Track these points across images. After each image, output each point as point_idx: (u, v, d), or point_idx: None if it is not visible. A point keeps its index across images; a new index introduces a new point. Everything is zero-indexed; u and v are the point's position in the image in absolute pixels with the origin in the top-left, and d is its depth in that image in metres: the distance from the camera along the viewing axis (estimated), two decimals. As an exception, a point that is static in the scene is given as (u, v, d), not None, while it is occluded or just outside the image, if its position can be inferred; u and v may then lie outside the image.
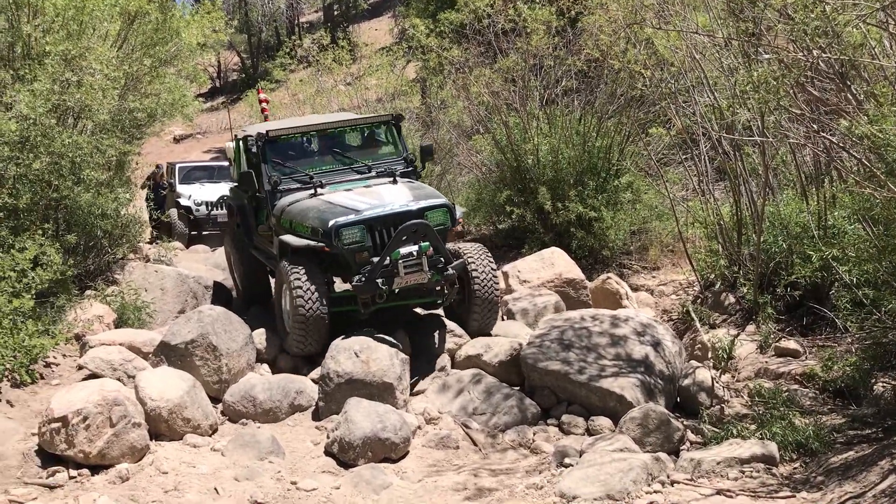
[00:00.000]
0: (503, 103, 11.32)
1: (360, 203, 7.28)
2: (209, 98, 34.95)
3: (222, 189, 16.79)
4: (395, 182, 7.84)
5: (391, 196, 7.42)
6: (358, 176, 8.17)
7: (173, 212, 15.87)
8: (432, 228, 7.07)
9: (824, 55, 5.31)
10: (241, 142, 8.96)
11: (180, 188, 16.59)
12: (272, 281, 8.46)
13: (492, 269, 7.52)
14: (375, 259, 7.02)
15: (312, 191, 7.81)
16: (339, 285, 7.72)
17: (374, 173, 8.16)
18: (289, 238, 7.39)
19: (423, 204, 7.32)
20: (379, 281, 6.93)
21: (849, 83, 5.63)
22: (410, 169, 8.39)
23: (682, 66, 8.52)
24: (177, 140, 30.49)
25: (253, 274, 9.14)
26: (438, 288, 7.30)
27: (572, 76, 11.20)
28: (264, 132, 8.17)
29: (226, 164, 19.80)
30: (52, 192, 7.92)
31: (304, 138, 8.59)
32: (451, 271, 7.12)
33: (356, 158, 8.38)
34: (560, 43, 10.98)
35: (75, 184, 8.16)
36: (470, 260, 7.44)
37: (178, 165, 18.00)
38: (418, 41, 12.40)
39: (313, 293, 6.92)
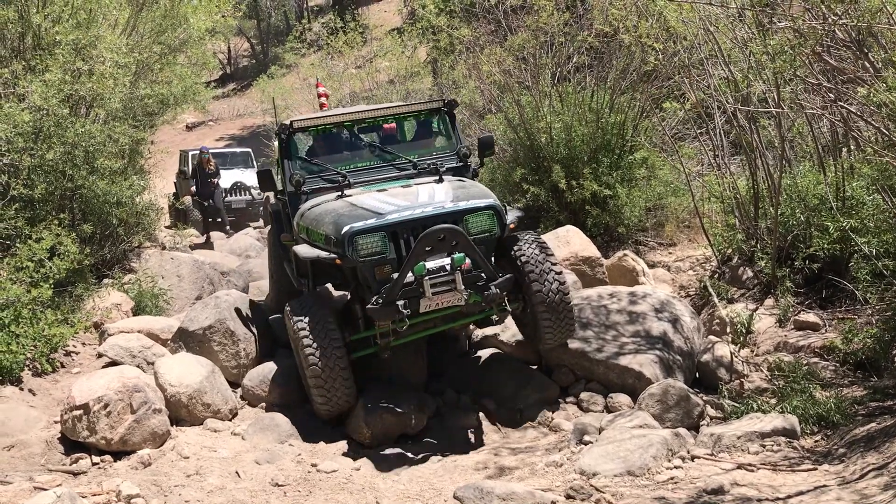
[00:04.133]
0: (515, 82, 11.23)
1: (387, 205, 5.99)
2: (220, 85, 34.94)
3: (236, 175, 16.85)
4: (440, 180, 6.56)
5: (427, 196, 6.09)
6: (399, 174, 6.93)
7: (187, 199, 15.93)
8: (464, 234, 5.65)
9: (841, 22, 5.22)
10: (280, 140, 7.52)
11: (193, 178, 16.63)
12: None
13: (552, 265, 6.12)
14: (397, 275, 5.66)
15: (339, 191, 6.58)
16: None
17: (418, 171, 6.90)
18: (301, 248, 6.24)
19: (461, 206, 5.91)
20: (400, 303, 5.56)
21: (866, 51, 5.53)
22: (462, 164, 7.09)
23: (695, 38, 8.41)
24: (189, 128, 30.57)
25: (283, 290, 7.95)
26: (485, 309, 5.97)
27: (584, 52, 11.09)
28: (288, 123, 7.00)
29: (239, 150, 19.89)
30: (66, 181, 7.97)
31: (340, 131, 7.24)
32: (493, 290, 5.67)
33: (399, 154, 7.07)
34: (570, 19, 10.86)
35: (90, 173, 8.21)
36: (524, 259, 6.08)
37: (191, 153, 18.05)
38: (428, 21, 12.31)
39: (324, 343, 5.71)
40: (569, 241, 8.84)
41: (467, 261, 5.63)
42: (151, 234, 11.18)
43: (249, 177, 17.51)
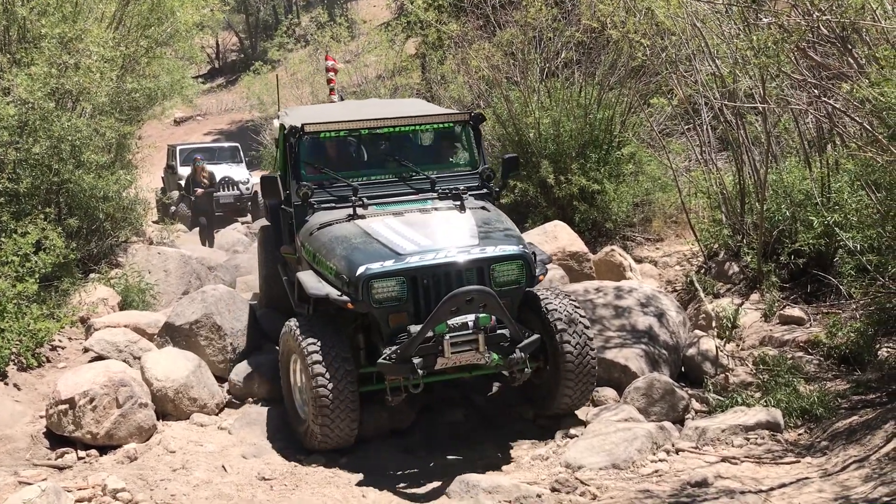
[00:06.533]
0: (503, 77, 11.25)
1: (406, 241, 5.47)
2: (208, 79, 34.82)
3: (224, 170, 16.80)
4: (462, 209, 6.04)
5: (449, 233, 5.62)
6: (413, 193, 6.33)
7: (175, 194, 15.88)
8: (495, 297, 5.14)
9: (825, 18, 5.26)
10: (281, 129, 6.96)
11: (182, 170, 16.53)
12: None
13: (586, 328, 5.69)
14: (413, 328, 5.17)
15: (351, 211, 6.00)
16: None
17: (436, 192, 6.30)
18: (307, 279, 5.69)
19: (489, 253, 5.40)
20: (416, 361, 5.10)
21: (850, 47, 5.58)
22: (485, 191, 6.49)
23: (683, 34, 8.44)
24: (177, 122, 30.48)
25: (274, 289, 7.67)
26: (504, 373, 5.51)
27: (572, 48, 11.11)
28: (299, 126, 6.27)
29: (227, 145, 19.83)
30: (52, 175, 7.92)
31: (352, 136, 6.62)
32: (518, 354, 5.23)
33: (418, 169, 6.43)
34: (559, 14, 10.88)
35: (76, 167, 8.16)
36: (556, 317, 5.61)
37: (178, 147, 18.00)
38: (416, 16, 12.30)
39: (338, 372, 5.18)
40: (556, 236, 8.87)
41: (492, 319, 5.18)
42: (138, 229, 11.14)
43: (237, 171, 17.49)
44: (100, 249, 9.33)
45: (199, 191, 13.74)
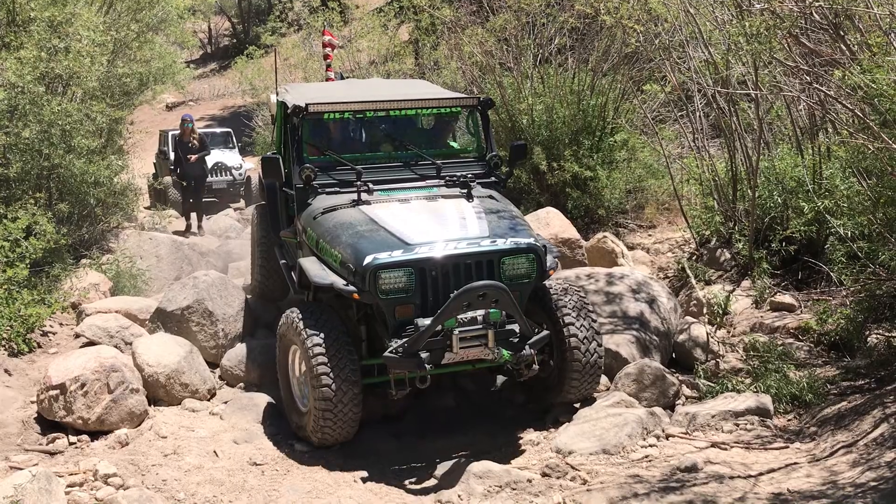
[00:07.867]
0: (496, 63, 11.21)
1: (414, 231, 5.29)
2: (201, 64, 34.65)
3: (216, 156, 16.73)
4: (469, 197, 5.87)
5: (459, 223, 5.44)
6: (418, 179, 6.15)
7: (168, 179, 15.80)
8: (507, 293, 4.97)
9: (817, 4, 5.25)
10: (282, 106, 6.70)
11: (174, 156, 16.42)
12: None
13: (593, 324, 5.61)
14: (421, 321, 5.01)
15: (356, 196, 5.80)
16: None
17: (443, 179, 6.11)
18: (310, 267, 5.49)
19: (499, 245, 5.24)
20: (424, 355, 4.93)
21: (843, 34, 5.57)
22: (493, 180, 6.34)
23: (676, 20, 8.43)
24: (169, 108, 30.28)
25: (270, 275, 7.50)
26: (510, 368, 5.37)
27: (565, 34, 11.08)
28: (303, 106, 6.04)
29: (219, 130, 19.73)
30: (43, 160, 7.89)
31: (357, 117, 6.41)
32: (527, 351, 5.11)
33: (424, 155, 6.26)
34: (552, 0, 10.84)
35: (66, 152, 8.13)
36: (564, 313, 5.51)
37: (171, 133, 17.90)
38: (409, 1, 12.24)
39: (342, 367, 5.03)
40: (549, 223, 8.86)
41: (503, 314, 5.02)
42: (130, 215, 11.11)
43: (230, 157, 17.42)
44: (91, 235, 9.32)
45: (193, 157, 12.91)
